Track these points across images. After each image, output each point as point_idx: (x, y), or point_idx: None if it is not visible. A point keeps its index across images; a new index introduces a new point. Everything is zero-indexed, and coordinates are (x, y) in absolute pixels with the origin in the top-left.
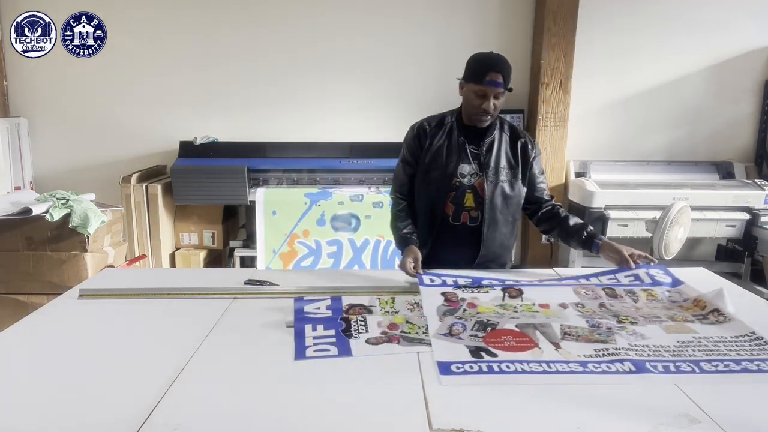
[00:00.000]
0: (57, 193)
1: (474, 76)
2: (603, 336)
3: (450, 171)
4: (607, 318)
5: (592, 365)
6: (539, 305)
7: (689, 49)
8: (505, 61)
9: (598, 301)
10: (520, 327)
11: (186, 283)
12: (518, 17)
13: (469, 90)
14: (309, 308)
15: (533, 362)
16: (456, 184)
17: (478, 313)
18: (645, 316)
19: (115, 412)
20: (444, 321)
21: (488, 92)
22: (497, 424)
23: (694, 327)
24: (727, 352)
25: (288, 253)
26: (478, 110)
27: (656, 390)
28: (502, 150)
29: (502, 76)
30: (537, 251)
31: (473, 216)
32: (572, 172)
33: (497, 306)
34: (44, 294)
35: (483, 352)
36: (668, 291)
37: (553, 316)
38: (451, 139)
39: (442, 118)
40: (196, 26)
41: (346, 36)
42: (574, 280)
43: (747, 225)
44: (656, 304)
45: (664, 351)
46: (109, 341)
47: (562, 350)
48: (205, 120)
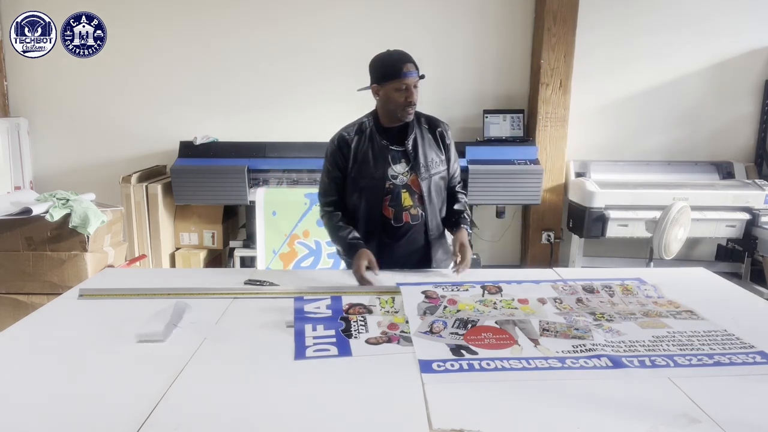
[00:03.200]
0: (57, 193)
1: (390, 74)
2: (580, 332)
3: (380, 175)
4: (584, 315)
5: (570, 361)
6: (518, 300)
7: (689, 49)
8: (407, 53)
9: (575, 296)
10: (500, 324)
11: (186, 283)
12: (518, 17)
13: (388, 89)
14: (309, 308)
15: (513, 359)
16: (390, 187)
17: (458, 310)
18: (620, 313)
19: (115, 412)
20: (425, 319)
21: (409, 83)
22: (497, 424)
23: (667, 322)
24: (700, 346)
25: (288, 253)
26: (404, 104)
27: (656, 390)
28: (426, 144)
29: (414, 66)
30: (537, 251)
31: (414, 214)
32: (572, 172)
33: (477, 302)
34: (44, 294)
35: (463, 350)
36: (643, 286)
37: (531, 313)
38: (373, 144)
39: (360, 124)
40: (197, 26)
41: (346, 36)
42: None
43: (747, 225)
44: (631, 299)
45: (639, 346)
46: (109, 341)
47: (540, 347)
48: (205, 120)
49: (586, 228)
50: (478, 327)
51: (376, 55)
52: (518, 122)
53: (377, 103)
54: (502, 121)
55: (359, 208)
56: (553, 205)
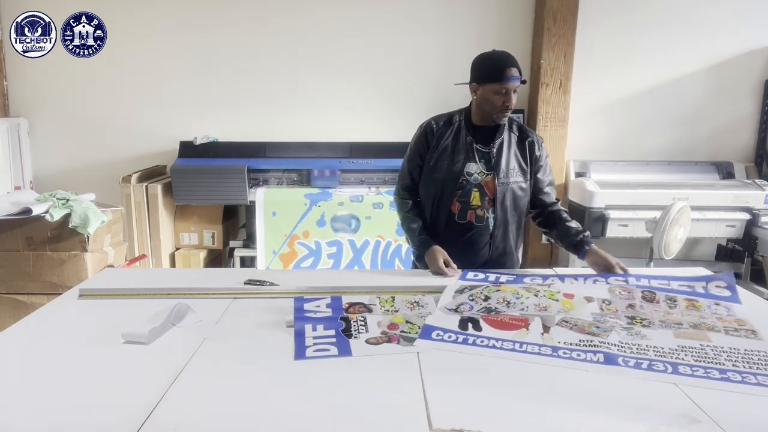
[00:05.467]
0: (57, 193)
1: (492, 76)
2: (600, 330)
3: (457, 169)
4: (619, 318)
5: (562, 351)
6: (564, 294)
7: (689, 49)
8: (512, 55)
9: (629, 302)
10: (524, 315)
11: (186, 283)
12: (518, 17)
13: (487, 90)
14: (309, 306)
15: (509, 341)
16: (463, 183)
17: (498, 290)
18: (664, 321)
19: (115, 412)
20: (456, 299)
21: (510, 88)
22: (497, 424)
23: (712, 336)
24: (724, 361)
25: (288, 254)
26: (500, 108)
27: (656, 390)
28: (511, 151)
29: (517, 70)
30: (537, 251)
31: (479, 215)
32: (572, 172)
33: (521, 287)
34: (44, 294)
35: (471, 323)
36: (716, 304)
37: (569, 309)
38: (458, 139)
39: (451, 117)
40: (197, 26)
41: (346, 36)
42: (623, 278)
43: (747, 225)
44: (693, 314)
45: (651, 351)
46: (109, 341)
47: (547, 335)
48: (205, 120)
49: (586, 228)
50: (501, 315)
51: (480, 54)
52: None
53: (473, 101)
54: None
55: (429, 197)
56: None
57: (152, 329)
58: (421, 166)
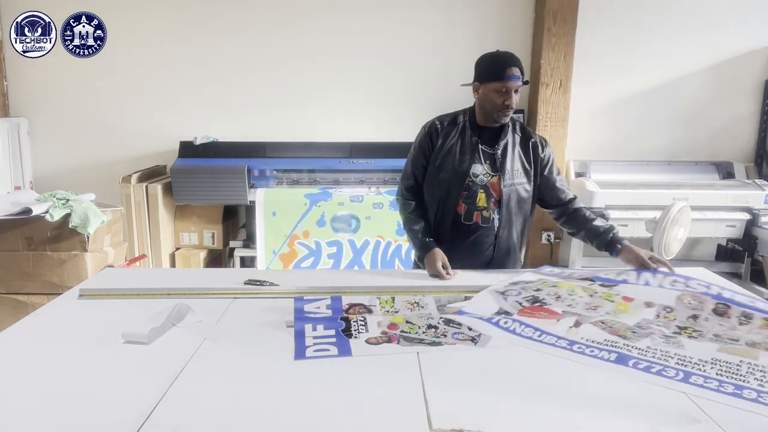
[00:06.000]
0: (57, 193)
1: (493, 75)
2: (634, 335)
3: (463, 170)
4: (665, 327)
5: (577, 346)
6: (623, 297)
7: (689, 49)
8: (516, 55)
9: (694, 312)
10: (566, 313)
11: (186, 283)
12: (518, 17)
13: (488, 90)
14: (309, 307)
15: (530, 327)
16: (469, 184)
17: (554, 285)
18: (718, 335)
19: (115, 412)
20: (508, 286)
21: (510, 87)
22: (497, 424)
23: (762, 355)
24: (749, 379)
25: (288, 254)
26: (501, 107)
27: (656, 390)
28: (516, 152)
29: (519, 70)
30: (537, 251)
31: (485, 216)
32: (572, 172)
33: (579, 285)
34: (44, 294)
35: (503, 314)
36: None
37: (622, 311)
38: (464, 139)
39: (455, 117)
40: (196, 26)
41: (345, 36)
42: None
43: (747, 225)
44: (763, 332)
45: (675, 359)
46: (109, 341)
47: (572, 329)
48: (205, 120)
49: None
50: (541, 309)
51: (484, 54)
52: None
53: (476, 100)
54: None
55: (434, 198)
56: None
57: (152, 329)
58: (426, 167)
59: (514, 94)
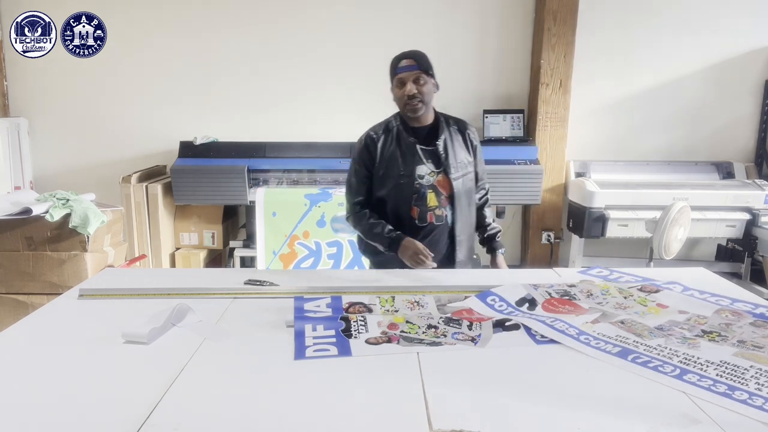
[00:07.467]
0: (57, 193)
1: (391, 73)
2: (650, 335)
3: (409, 172)
4: (689, 330)
5: (584, 337)
6: (657, 304)
7: (689, 49)
8: (417, 51)
9: (727, 321)
10: (592, 310)
11: (186, 283)
12: (518, 17)
13: (393, 86)
14: (309, 306)
15: (548, 316)
16: (416, 187)
17: (583, 282)
18: (742, 341)
19: (115, 412)
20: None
21: (405, 78)
22: (497, 424)
23: None
24: (747, 381)
25: (288, 254)
26: (404, 99)
27: (656, 390)
28: (456, 144)
29: (414, 60)
30: (537, 251)
31: (438, 215)
32: (572, 172)
33: (616, 286)
34: (44, 294)
35: (527, 303)
36: None
37: (654, 313)
38: (401, 143)
39: (387, 124)
40: (196, 26)
41: (346, 36)
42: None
43: (747, 225)
44: None
45: (680, 357)
46: (109, 341)
47: (589, 324)
48: (205, 120)
49: (586, 228)
50: (573, 301)
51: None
52: (518, 122)
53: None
54: (502, 121)
55: (386, 207)
56: (553, 205)
57: (152, 329)
58: (370, 178)
59: (416, 85)
